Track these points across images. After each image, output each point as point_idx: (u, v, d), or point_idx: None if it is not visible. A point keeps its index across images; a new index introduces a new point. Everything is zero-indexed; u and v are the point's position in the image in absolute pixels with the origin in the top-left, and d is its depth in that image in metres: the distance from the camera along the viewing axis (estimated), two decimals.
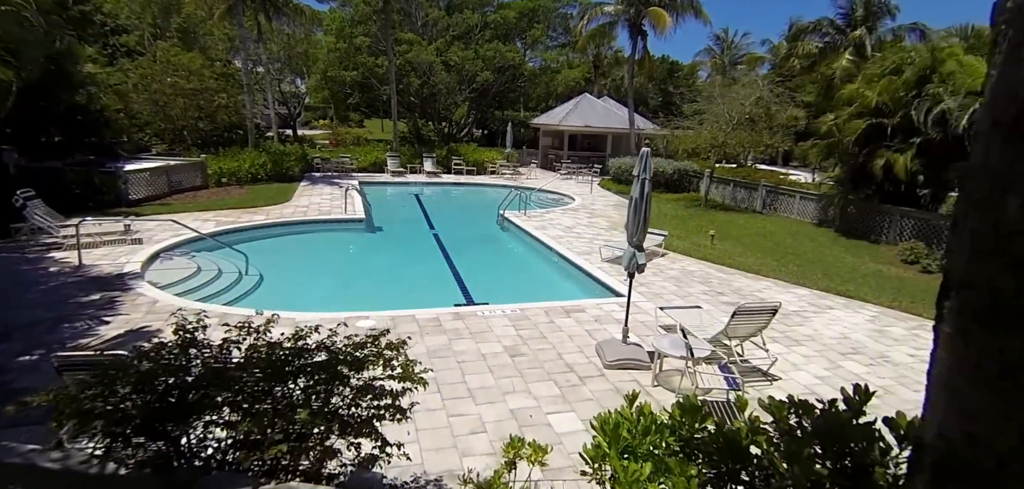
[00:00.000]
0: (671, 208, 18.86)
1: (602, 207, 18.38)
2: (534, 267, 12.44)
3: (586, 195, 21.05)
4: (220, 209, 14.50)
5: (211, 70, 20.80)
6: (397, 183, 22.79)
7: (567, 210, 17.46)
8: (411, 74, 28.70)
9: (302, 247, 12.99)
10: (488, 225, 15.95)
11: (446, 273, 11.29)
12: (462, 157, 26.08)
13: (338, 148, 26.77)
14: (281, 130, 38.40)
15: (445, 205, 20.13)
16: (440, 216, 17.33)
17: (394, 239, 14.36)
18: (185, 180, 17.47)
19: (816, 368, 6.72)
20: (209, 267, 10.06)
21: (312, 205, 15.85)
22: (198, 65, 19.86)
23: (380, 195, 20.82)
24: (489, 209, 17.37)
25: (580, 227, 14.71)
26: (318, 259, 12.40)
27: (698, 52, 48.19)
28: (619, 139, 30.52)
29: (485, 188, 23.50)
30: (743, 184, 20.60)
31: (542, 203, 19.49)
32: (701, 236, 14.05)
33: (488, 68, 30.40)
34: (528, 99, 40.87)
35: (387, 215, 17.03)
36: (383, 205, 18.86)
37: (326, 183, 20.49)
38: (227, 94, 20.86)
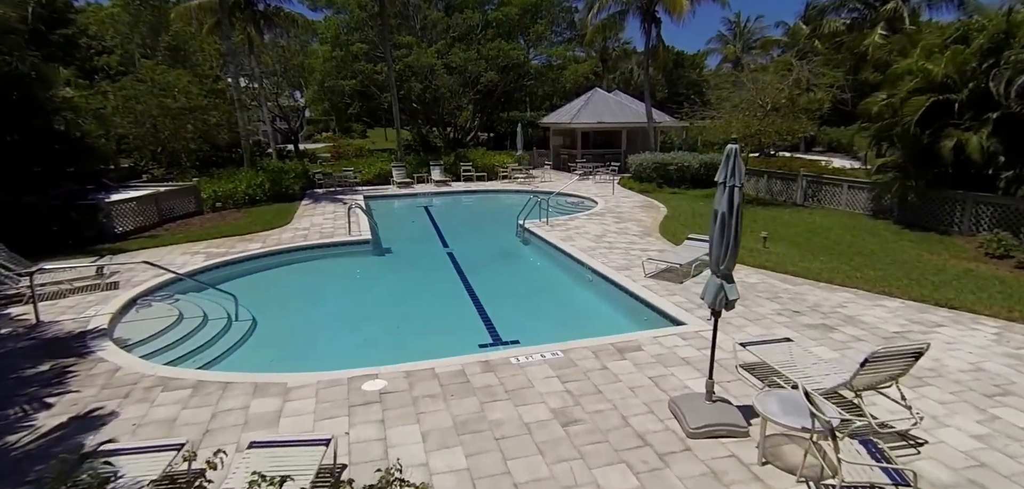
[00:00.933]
0: (704, 206, 17.24)
1: (629, 209, 16.80)
2: (566, 289, 10.88)
3: (608, 196, 19.48)
4: (213, 238, 13.13)
5: (200, 87, 19.47)
6: (404, 195, 21.38)
7: (592, 215, 15.92)
8: (412, 79, 27.32)
9: (302, 278, 11.54)
10: (507, 237, 14.45)
11: (465, 301, 9.79)
12: (471, 163, 24.62)
13: (340, 162, 25.40)
14: (282, 146, 37.37)
15: (458, 216, 18.66)
16: (453, 230, 15.87)
17: (404, 262, 12.89)
18: (177, 207, 16.14)
19: (966, 422, 5.12)
20: (193, 313, 8.64)
21: (313, 227, 14.43)
22: (185, 82, 18.54)
23: (387, 210, 19.39)
24: (505, 218, 15.91)
25: (610, 235, 13.16)
26: (319, 293, 10.91)
27: (710, 39, 46.41)
28: (634, 134, 28.91)
29: (498, 195, 22.02)
30: (779, 175, 18.93)
31: (563, 209, 17.96)
32: (749, 238, 12.44)
33: (492, 68, 28.95)
34: (535, 98, 39.38)
35: (396, 232, 15.59)
36: (391, 221, 17.43)
37: (329, 200, 19.12)
38: (219, 112, 19.52)
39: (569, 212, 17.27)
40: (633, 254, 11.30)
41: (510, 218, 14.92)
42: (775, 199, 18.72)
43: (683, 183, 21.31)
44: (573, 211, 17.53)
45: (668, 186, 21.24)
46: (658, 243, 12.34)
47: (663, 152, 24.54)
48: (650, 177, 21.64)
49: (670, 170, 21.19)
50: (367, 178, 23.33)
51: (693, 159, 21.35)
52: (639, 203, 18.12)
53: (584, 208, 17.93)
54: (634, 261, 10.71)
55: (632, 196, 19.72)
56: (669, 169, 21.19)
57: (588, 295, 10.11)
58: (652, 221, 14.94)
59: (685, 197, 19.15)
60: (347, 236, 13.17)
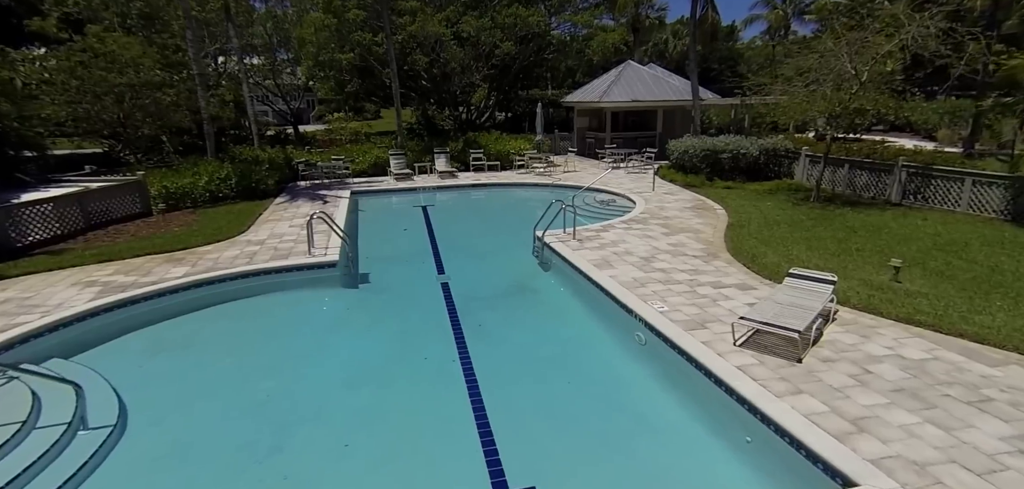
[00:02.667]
0: (773, 207, 13.47)
1: (678, 212, 13.14)
2: (607, 358, 7.24)
3: (647, 192, 15.81)
4: (135, 255, 10.01)
5: (154, 58, 16.27)
6: (402, 190, 18.01)
7: (631, 222, 12.32)
8: (416, 51, 23.78)
9: (229, 329, 8.23)
10: (520, 258, 10.97)
11: (458, 387, 6.35)
12: (482, 149, 21.09)
13: (330, 149, 22.14)
14: (281, 129, 34.34)
15: (461, 222, 15.16)
16: (454, 242, 12.46)
17: (381, 299, 9.45)
18: (115, 208, 13.09)
19: None
20: (20, 402, 5.49)
21: (271, 239, 11.19)
22: (136, 52, 15.35)
23: (376, 211, 16.07)
24: (519, 224, 12.46)
25: (662, 256, 9.58)
26: (243, 362, 7.26)
27: (753, 4, 41.47)
28: (671, 114, 24.94)
29: (512, 189, 18.50)
30: (865, 164, 14.95)
31: (592, 212, 14.39)
32: (864, 264, 8.74)
33: (509, 38, 25.20)
34: (557, 74, 35.45)
35: (379, 246, 12.27)
36: (377, 228, 14.09)
37: (309, 198, 15.88)
38: (176, 90, 16.34)
39: (600, 216, 13.70)
40: (703, 292, 7.75)
41: (526, 224, 11.46)
42: (859, 196, 14.80)
43: (736, 174, 17.47)
44: (605, 214, 13.95)
45: (719, 178, 17.42)
46: (735, 272, 8.73)
47: (705, 135, 20.64)
48: (696, 167, 17.83)
49: (722, 159, 17.35)
50: (361, 168, 20.02)
51: (751, 145, 17.44)
52: (688, 203, 14.41)
53: (619, 210, 14.32)
54: (710, 309, 7.16)
55: (677, 192, 15.98)
56: (721, 158, 17.34)
57: (644, 373, 6.60)
58: (714, 232, 11.28)
59: (745, 194, 15.35)
60: (308, 257, 9.85)
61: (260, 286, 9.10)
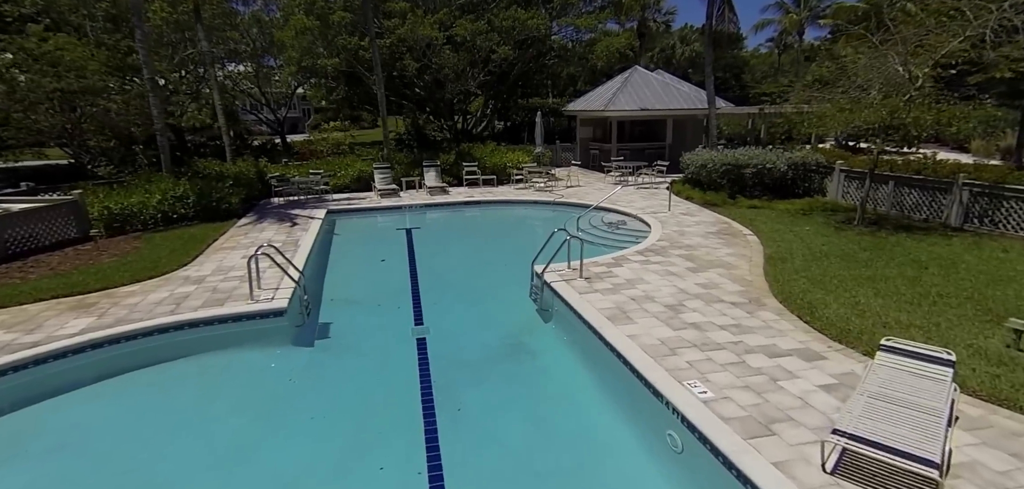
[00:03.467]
0: (813, 233, 11.48)
1: (700, 239, 11.16)
2: (630, 467, 5.28)
3: (662, 213, 13.86)
4: (35, 299, 8.09)
5: (102, 62, 14.43)
6: (385, 208, 16.08)
7: (647, 252, 10.35)
8: (406, 56, 21.95)
9: (126, 415, 6.24)
10: (515, 303, 9.00)
11: None
12: (477, 162, 19.19)
13: (311, 161, 20.26)
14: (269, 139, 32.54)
15: (448, 251, 13.15)
16: (437, 278, 10.51)
17: (338, 365, 7.39)
18: (41, 234, 11.19)
19: None
20: None
21: (214, 275, 9.25)
22: (77, 54, 13.50)
23: (353, 235, 14.16)
24: (516, 253, 10.56)
25: (692, 303, 7.60)
26: (132, 470, 5.25)
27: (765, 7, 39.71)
28: (682, 123, 23.06)
29: (509, 208, 16.55)
30: (915, 182, 12.98)
31: (600, 237, 12.45)
32: (960, 320, 6.74)
33: (506, 42, 23.36)
34: (558, 81, 33.65)
35: (349, 283, 10.34)
36: (350, 258, 12.15)
37: (278, 218, 13.97)
38: (125, 97, 14.48)
39: (611, 244, 11.76)
40: (756, 364, 5.76)
41: (523, 252, 9.54)
42: (909, 218, 12.81)
43: (761, 191, 15.52)
44: (616, 241, 12.01)
45: (743, 195, 15.47)
46: (791, 329, 6.74)
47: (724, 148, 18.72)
48: (716, 183, 15.87)
49: (746, 174, 15.39)
50: (342, 183, 18.13)
51: (778, 159, 15.48)
52: (712, 226, 12.44)
53: (632, 235, 12.37)
54: (772, 395, 5.18)
55: (697, 212, 14.02)
56: (745, 173, 15.38)
57: None
58: (750, 267, 9.31)
59: (775, 216, 13.39)
60: (245, 305, 7.87)
61: (181, 345, 7.14)
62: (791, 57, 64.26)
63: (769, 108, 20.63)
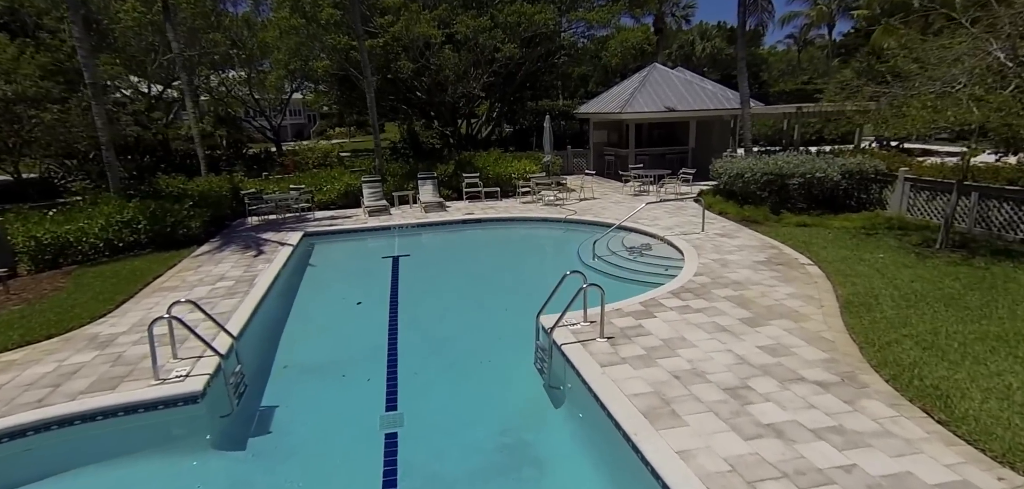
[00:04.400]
0: (892, 263, 9.16)
1: (748, 271, 8.91)
2: None
3: (693, 230, 11.65)
4: None
5: (34, 64, 12.60)
6: (372, 230, 14.04)
7: (685, 292, 8.14)
8: (401, 56, 19.95)
9: None
10: (517, 375, 6.85)
11: None
12: (478, 173, 17.12)
13: (294, 175, 18.34)
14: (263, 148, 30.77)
15: (437, 289, 10.83)
16: (420, 334, 8.36)
17: (273, 478, 5.27)
18: None
19: None
20: None
21: (133, 331, 7.23)
22: (8, 57, 11.68)
23: (329, 266, 12.13)
24: (521, 292, 8.53)
25: (759, 382, 5.39)
26: None
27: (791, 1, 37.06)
28: (707, 126, 20.77)
29: (514, 227, 14.41)
30: (1007, 195, 10.60)
31: (622, 268, 10.27)
32: None
33: (512, 39, 21.27)
34: (568, 82, 31.48)
35: (310, 340, 8.31)
36: (314, 303, 10.02)
37: (243, 245, 12.00)
38: (63, 108, 12.64)
39: (636, 278, 9.60)
40: None
41: (528, 291, 7.50)
42: (1001, 238, 10.44)
43: (806, 204, 13.21)
44: (642, 275, 9.83)
45: (787, 209, 13.17)
46: (921, 435, 4.52)
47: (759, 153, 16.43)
48: (754, 194, 13.60)
49: (791, 186, 13.09)
50: (328, 199, 16.17)
51: (830, 166, 13.14)
52: (758, 252, 10.18)
53: (660, 263, 10.16)
54: None
55: (736, 232, 11.75)
56: (789, 184, 13.08)
57: None
58: (824, 316, 7.06)
59: (833, 237, 11.09)
60: (147, 389, 5.81)
61: (46, 455, 5.11)
62: (809, 55, 61.55)
63: (808, 107, 18.26)
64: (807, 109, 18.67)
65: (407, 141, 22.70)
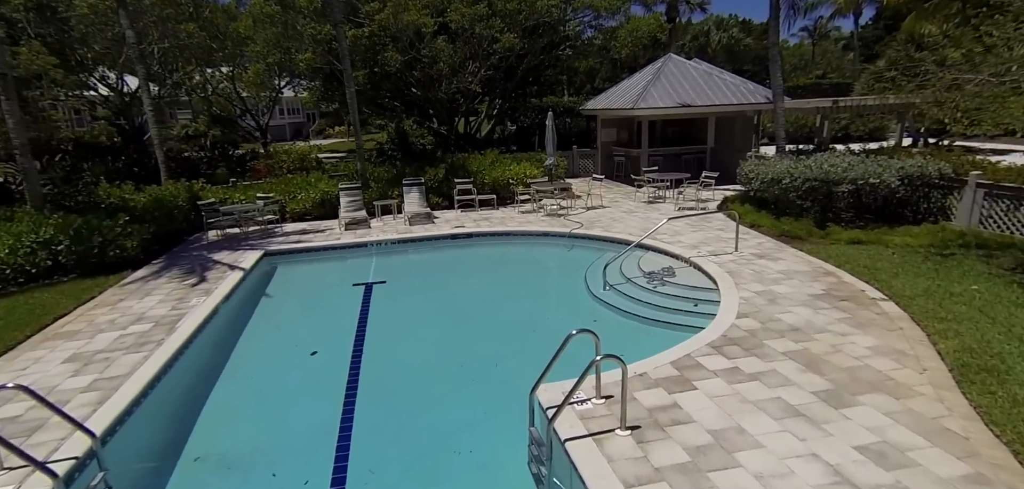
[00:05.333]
0: (993, 298, 7.10)
1: (807, 311, 6.86)
2: None
3: (723, 248, 9.61)
4: None
5: None
6: (347, 247, 12.06)
7: (729, 343, 6.13)
8: (389, 47, 17.99)
9: None
10: (508, 478, 4.87)
11: None
12: (472, 177, 15.14)
13: (266, 181, 16.42)
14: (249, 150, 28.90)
15: (412, 334, 8.47)
16: (384, 408, 6.30)
17: None
18: None
19: None
20: None
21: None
22: None
23: (284, 297, 10.17)
24: (512, 345, 6.55)
25: None
26: None
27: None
28: (727, 123, 18.68)
29: (509, 244, 12.41)
30: None
31: (640, 302, 8.22)
32: None
33: (512, 29, 19.26)
34: (574, 76, 29.44)
35: (240, 413, 6.35)
36: (258, 354, 7.96)
37: (187, 268, 10.10)
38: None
39: (657, 317, 7.60)
40: None
41: (524, 338, 5.65)
42: None
43: (853, 213, 11.12)
44: (665, 312, 7.81)
45: (833, 220, 11.10)
46: None
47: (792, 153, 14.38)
48: (792, 202, 11.53)
49: (839, 194, 11.00)
50: (302, 209, 14.26)
51: (886, 169, 11.03)
52: (811, 280, 8.12)
53: (688, 296, 8.13)
54: None
55: (776, 251, 9.69)
56: (837, 192, 10.99)
57: None
58: (932, 385, 5.03)
59: (898, 259, 9.04)
60: None
61: None
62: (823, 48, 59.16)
63: (845, 101, 16.15)
64: (844, 103, 16.55)
65: (395, 142, 20.69)
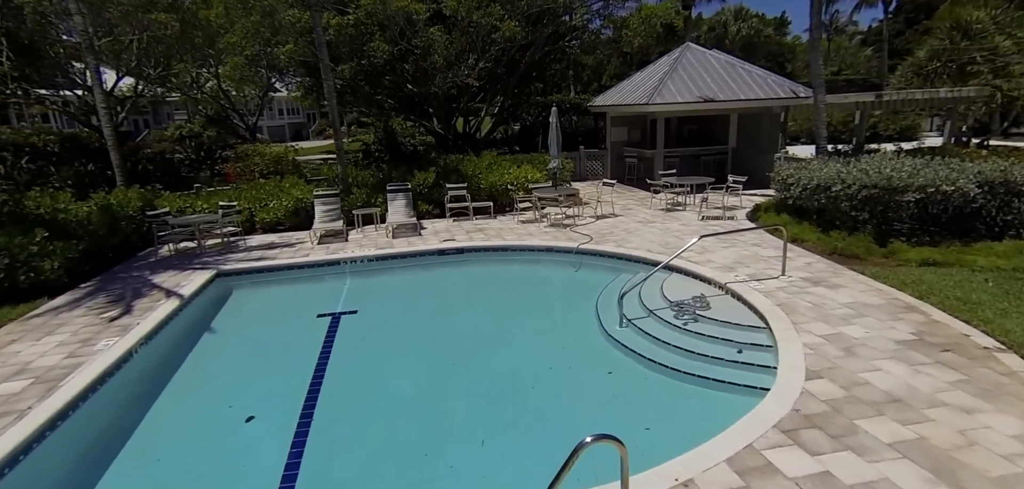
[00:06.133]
0: None
1: (903, 369, 5.00)
2: None
3: (764, 270, 7.76)
4: None
5: None
6: (317, 264, 10.28)
7: (806, 432, 4.33)
8: (376, 36, 16.25)
9: None
10: None
11: None
12: (466, 181, 13.36)
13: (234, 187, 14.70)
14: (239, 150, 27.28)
15: (382, 390, 6.43)
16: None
17: None
18: None
19: None
20: None
21: None
22: None
23: (233, 329, 8.36)
24: (508, 406, 4.82)
25: None
26: None
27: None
28: (753, 120, 16.78)
29: (507, 261, 10.59)
30: None
31: (666, 346, 6.33)
32: None
33: (513, 17, 17.47)
34: (581, 72, 27.54)
35: None
36: (172, 413, 6.09)
37: (118, 295, 8.39)
38: None
39: (692, 370, 5.76)
40: None
41: (521, 398, 4.11)
42: None
43: (915, 225, 9.22)
44: (703, 364, 5.94)
45: (893, 234, 9.21)
46: None
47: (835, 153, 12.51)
48: (843, 214, 9.64)
49: (905, 203, 9.09)
50: (274, 218, 12.54)
51: (962, 176, 9.10)
52: (896, 323, 6.24)
53: (732, 342, 6.23)
54: None
55: (833, 275, 7.80)
56: (902, 199, 9.08)
57: None
58: None
59: (992, 283, 7.15)
60: None
61: None
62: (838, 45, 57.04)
63: (892, 95, 14.21)
64: (888, 97, 14.61)
65: (383, 142, 18.92)
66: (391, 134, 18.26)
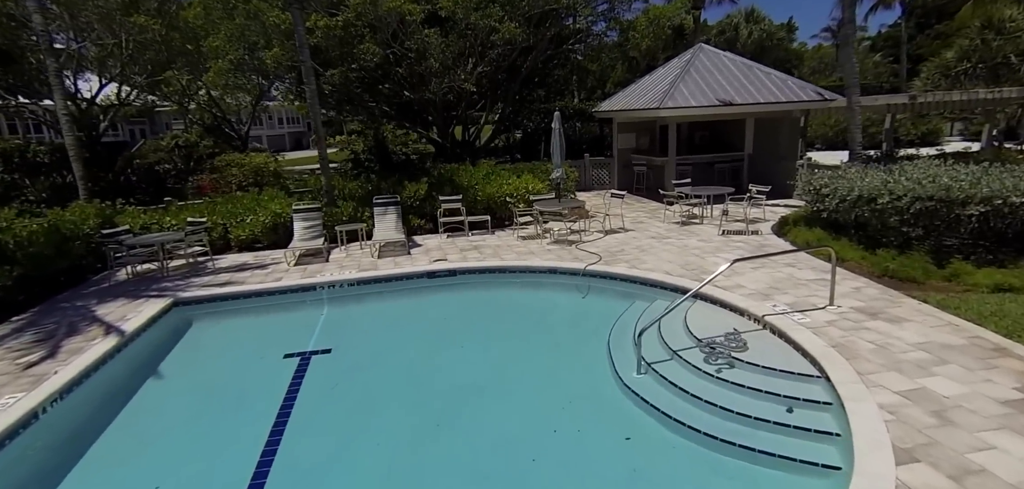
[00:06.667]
0: None
1: (1013, 436, 3.78)
2: None
3: (806, 297, 6.48)
4: None
5: None
6: (290, 290, 9.06)
7: None
8: (367, 38, 15.16)
9: None
10: None
11: None
12: (461, 194, 12.15)
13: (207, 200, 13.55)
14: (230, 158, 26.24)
15: (352, 460, 5.06)
16: None
17: None
18: None
19: None
20: None
21: None
22: None
23: (181, 376, 7.09)
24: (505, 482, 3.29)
25: None
26: None
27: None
28: (771, 127, 15.52)
29: (504, 286, 9.34)
30: None
31: (698, 403, 5.01)
32: None
33: (512, 18, 16.35)
34: (585, 77, 26.44)
35: None
36: (115, 471, 5.00)
37: (47, 333, 7.20)
38: None
39: (733, 440, 4.46)
40: None
41: (520, 469, 2.42)
42: None
43: (973, 241, 7.94)
44: (745, 431, 4.60)
45: (949, 253, 7.92)
46: None
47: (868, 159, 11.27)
48: (892, 229, 8.37)
49: (966, 217, 7.81)
50: (250, 235, 11.38)
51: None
52: (990, 374, 4.94)
53: (780, 400, 4.90)
54: None
55: (887, 304, 6.52)
56: (962, 216, 7.80)
57: None
58: None
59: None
60: None
61: None
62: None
63: (927, 96, 12.96)
64: (922, 99, 13.36)
65: (373, 152, 17.77)
66: (381, 142, 17.08)
